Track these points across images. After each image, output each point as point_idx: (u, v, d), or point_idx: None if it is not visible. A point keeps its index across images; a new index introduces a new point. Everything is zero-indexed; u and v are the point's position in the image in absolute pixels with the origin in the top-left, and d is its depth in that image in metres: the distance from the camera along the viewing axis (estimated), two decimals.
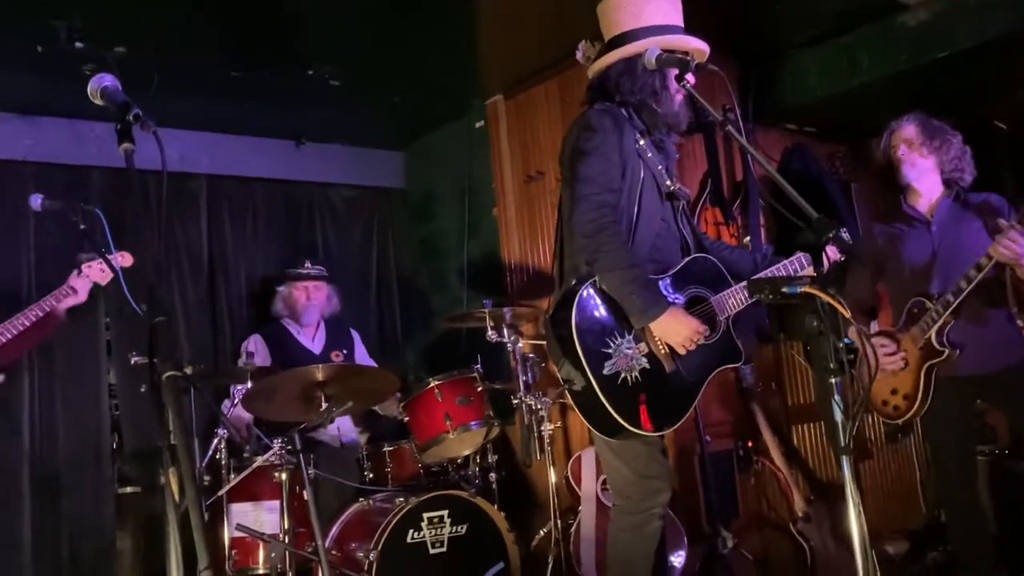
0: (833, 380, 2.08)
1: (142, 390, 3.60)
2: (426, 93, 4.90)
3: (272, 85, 4.50)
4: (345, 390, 3.57)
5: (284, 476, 3.53)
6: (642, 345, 2.56)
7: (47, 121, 4.52)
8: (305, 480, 3.28)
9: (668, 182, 2.72)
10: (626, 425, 2.48)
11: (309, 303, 4.66)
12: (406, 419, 3.98)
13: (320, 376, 3.52)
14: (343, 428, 4.52)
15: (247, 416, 4.11)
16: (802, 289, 2.03)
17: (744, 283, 2.63)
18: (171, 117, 4.79)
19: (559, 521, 3.90)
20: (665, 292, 2.62)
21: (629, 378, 2.52)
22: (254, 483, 3.68)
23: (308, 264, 4.72)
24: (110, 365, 4.61)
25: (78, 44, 3.68)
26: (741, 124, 2.61)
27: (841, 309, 2.00)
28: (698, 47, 2.73)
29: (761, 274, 2.76)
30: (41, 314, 3.31)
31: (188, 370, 1.51)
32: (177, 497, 1.42)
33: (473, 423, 3.83)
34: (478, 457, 4.11)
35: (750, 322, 4.20)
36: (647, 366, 2.55)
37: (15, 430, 4.20)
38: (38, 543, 4.17)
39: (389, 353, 5.41)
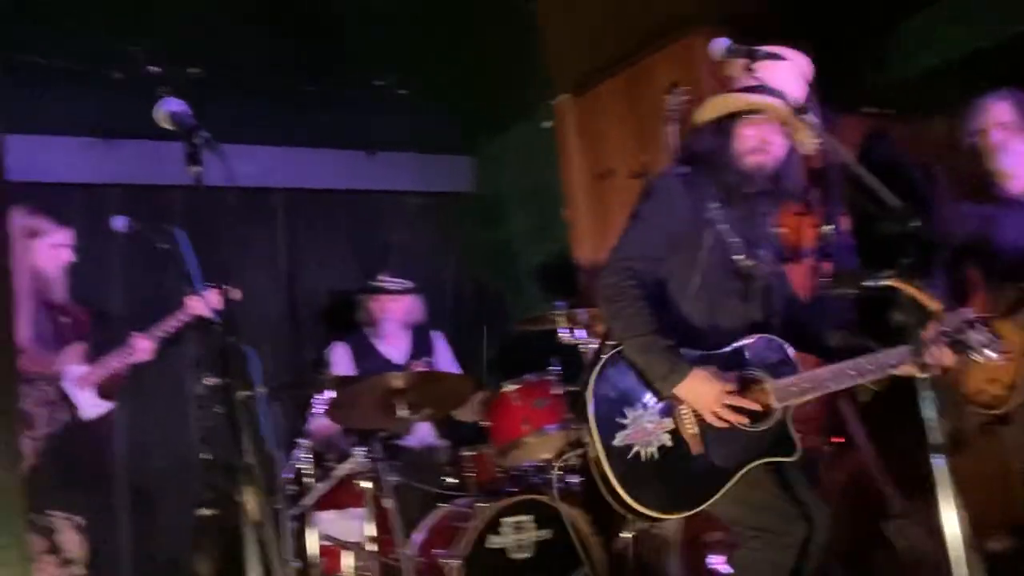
0: (922, 376, 1.99)
1: (216, 410, 3.67)
2: (492, 96, 4.91)
3: (342, 98, 4.57)
4: (423, 397, 3.59)
5: (367, 484, 3.57)
6: (667, 421, 2.41)
7: (130, 144, 4.66)
8: (388, 490, 3.29)
9: (741, 255, 2.53)
10: (628, 500, 2.36)
11: (385, 317, 4.69)
12: (485, 424, 3.97)
13: (398, 383, 3.55)
14: (425, 433, 4.54)
15: (334, 425, 4.17)
16: (885, 282, 1.95)
17: (811, 373, 2.46)
18: (246, 133, 4.90)
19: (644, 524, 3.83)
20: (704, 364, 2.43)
21: (643, 453, 2.38)
22: (339, 491, 3.73)
23: (387, 277, 4.73)
24: (199, 380, 4.72)
25: (154, 68, 3.78)
26: (817, 110, 2.50)
27: (926, 300, 1.91)
28: (762, 103, 2.49)
29: (847, 365, 2.46)
30: (111, 370, 3.35)
31: (260, 389, 1.54)
32: (253, 515, 1.43)
33: (550, 426, 3.79)
34: (559, 460, 4.06)
35: (834, 313, 4.05)
36: (668, 444, 2.40)
37: (112, 445, 4.34)
38: (136, 556, 4.30)
39: (466, 358, 5.41)
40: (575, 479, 4.02)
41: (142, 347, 3.49)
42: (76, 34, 3.58)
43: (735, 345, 2.49)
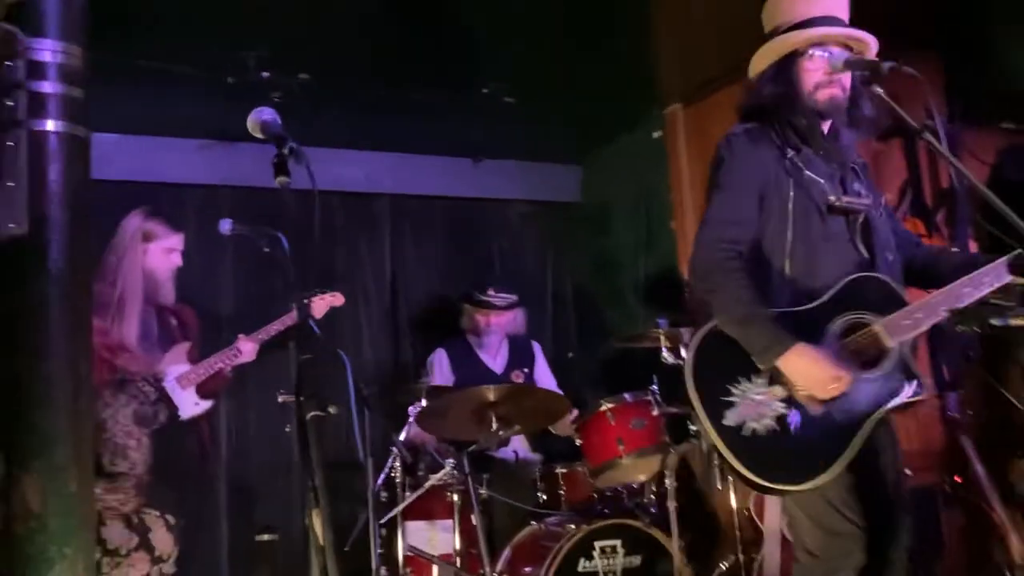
0: None
1: (287, 430, 3.70)
2: (601, 105, 4.80)
3: (449, 105, 4.56)
4: (516, 411, 3.54)
5: (456, 497, 3.54)
6: (777, 388, 2.24)
7: (243, 147, 4.78)
8: (474, 503, 3.25)
9: (832, 196, 2.39)
10: (759, 481, 2.20)
11: (492, 329, 4.66)
12: (579, 441, 3.88)
13: (492, 397, 3.51)
14: (519, 447, 4.49)
15: (429, 434, 4.16)
16: (1014, 322, 1.76)
17: (921, 302, 2.26)
18: (355, 139, 4.98)
19: (742, 556, 3.67)
20: (809, 323, 2.28)
21: (759, 427, 2.22)
22: (429, 502, 3.71)
23: (492, 292, 4.68)
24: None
25: (265, 73, 3.85)
26: (943, 128, 2.32)
27: None
28: (853, 34, 2.41)
29: (958, 284, 2.25)
30: (213, 369, 3.41)
31: (332, 410, 1.51)
32: (321, 538, 1.38)
33: (647, 448, 3.67)
34: (654, 483, 3.94)
35: (957, 343, 3.79)
36: (784, 411, 2.24)
37: (212, 446, 4.44)
38: (232, 557, 4.39)
39: (564, 371, 5.34)
40: (672, 504, 3.89)
41: (246, 349, 3.55)
42: (193, 41, 3.67)
43: (832, 292, 2.33)
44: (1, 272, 1.41)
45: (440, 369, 4.61)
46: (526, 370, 4.71)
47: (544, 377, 4.78)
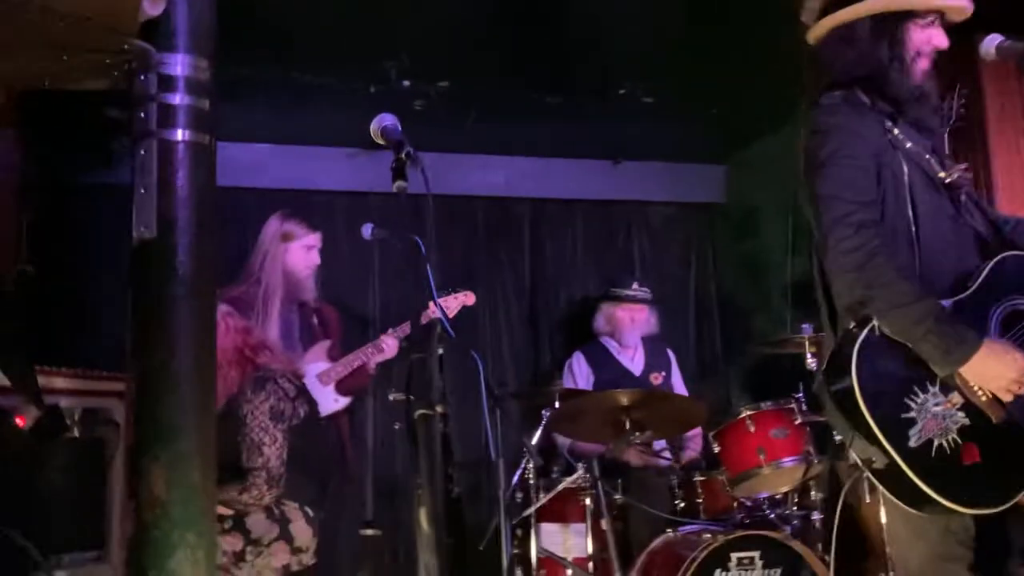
0: None
1: (396, 427, 3.77)
2: (745, 103, 4.66)
3: (587, 107, 4.55)
4: (651, 416, 3.49)
5: (588, 501, 3.51)
6: (954, 396, 1.97)
7: (388, 155, 4.92)
8: (604, 509, 3.22)
9: (942, 172, 2.14)
10: (963, 509, 1.93)
11: (633, 325, 4.61)
12: (717, 449, 3.78)
13: (626, 400, 3.48)
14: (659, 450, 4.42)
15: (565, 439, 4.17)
16: None
17: None
18: (496, 145, 5.05)
19: (892, 574, 3.45)
20: (971, 317, 2.02)
21: (946, 444, 1.94)
22: (563, 505, 3.70)
23: (636, 286, 4.66)
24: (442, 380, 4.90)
25: (405, 82, 3.96)
26: None
27: None
28: (950, 4, 2.16)
29: None
30: (353, 367, 3.52)
31: (440, 408, 1.52)
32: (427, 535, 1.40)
33: (788, 459, 3.53)
34: (798, 495, 3.78)
35: None
36: (967, 422, 1.97)
37: (361, 441, 4.60)
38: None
39: (709, 376, 5.22)
40: (816, 516, 3.72)
41: (388, 345, 3.66)
42: (337, 54, 3.82)
43: (981, 278, 2.07)
44: (134, 273, 1.51)
45: (580, 372, 4.61)
46: (664, 373, 4.64)
47: (679, 384, 4.69)
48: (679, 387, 4.67)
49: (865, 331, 2.00)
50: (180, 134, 1.51)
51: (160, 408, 1.45)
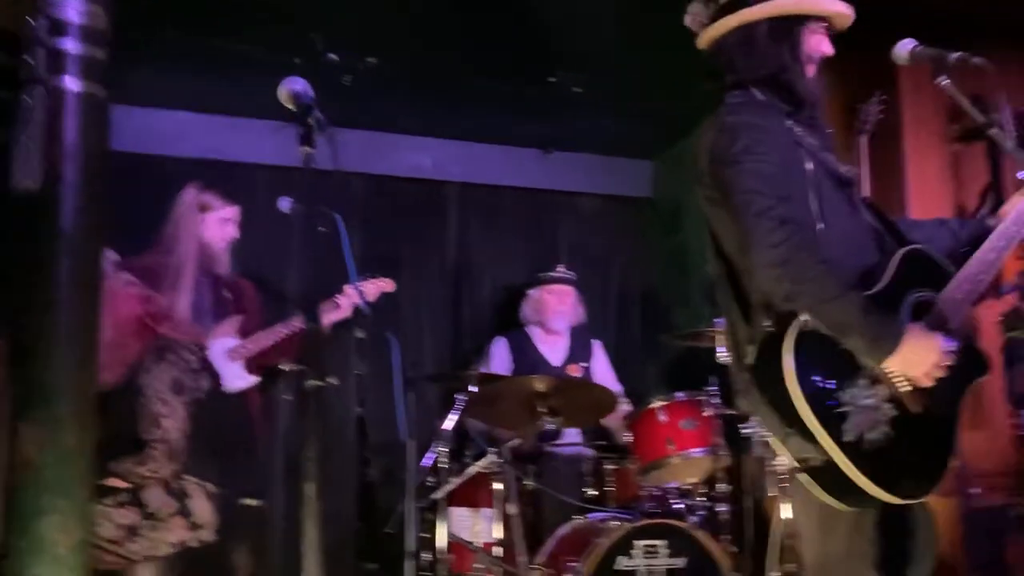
0: None
1: (285, 397, 3.73)
2: (675, 101, 4.69)
3: (518, 93, 4.53)
4: (566, 403, 3.50)
5: (499, 486, 3.51)
6: (880, 388, 1.98)
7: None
8: (512, 494, 3.22)
9: (841, 167, 2.19)
10: (898, 500, 1.95)
11: (559, 308, 4.62)
12: (630, 438, 3.81)
13: (542, 387, 3.49)
14: (570, 439, 4.44)
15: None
16: None
17: (967, 267, 2.10)
18: (425, 126, 5.00)
19: (795, 566, 3.54)
20: (887, 310, 2.04)
21: (877, 437, 1.94)
22: (473, 489, 3.69)
23: (562, 268, 4.68)
24: (360, 361, 4.83)
25: (333, 55, 3.88)
26: (1012, 125, 2.16)
27: None
28: (839, 10, 2.23)
29: (984, 251, 2.11)
30: (264, 345, 3.45)
31: (332, 380, 1.49)
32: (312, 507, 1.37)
33: (696, 450, 3.58)
34: (705, 486, 3.84)
35: None
36: (893, 414, 1.97)
37: (274, 427, 4.51)
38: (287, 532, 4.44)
39: (627, 367, 5.26)
40: (721, 508, 3.79)
41: (298, 327, 3.59)
42: (263, 22, 3.72)
43: (891, 272, 2.10)
44: (14, 226, 1.44)
45: (499, 358, 4.60)
46: (584, 365, 4.65)
47: (602, 373, 4.72)
48: (602, 376, 4.68)
49: (794, 328, 1.99)
50: (71, 83, 1.45)
51: (37, 369, 1.39)
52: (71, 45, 1.44)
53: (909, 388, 2.00)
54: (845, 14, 2.25)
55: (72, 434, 1.40)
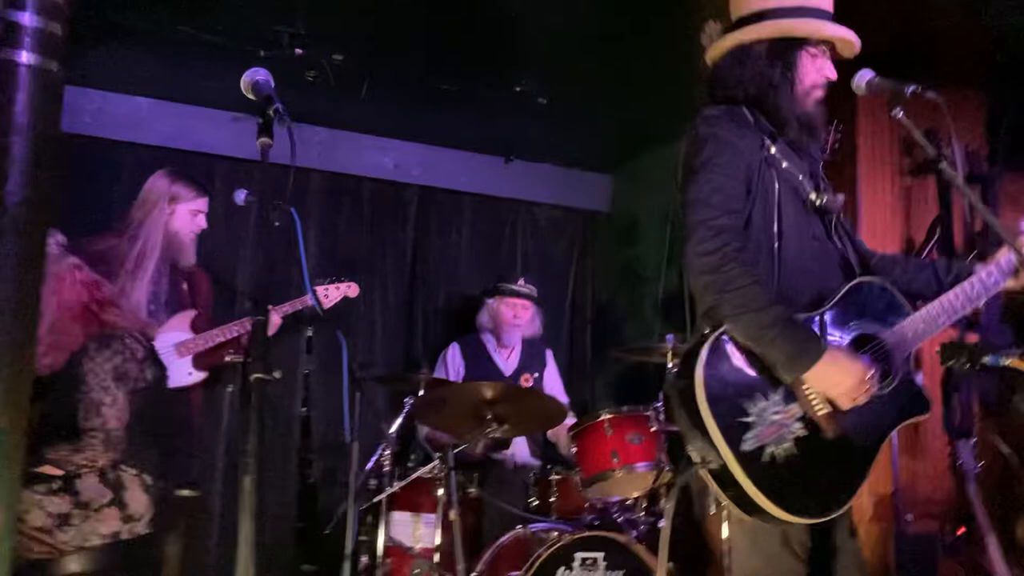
0: None
1: (228, 390, 3.70)
2: (637, 116, 4.74)
3: (482, 100, 4.53)
4: (513, 412, 3.49)
5: (441, 491, 3.49)
6: (794, 407, 2.02)
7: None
8: (454, 501, 3.20)
9: (813, 193, 2.21)
10: (782, 515, 1.96)
11: (515, 322, 4.61)
12: (574, 450, 3.82)
13: (490, 394, 3.47)
14: (518, 449, 4.44)
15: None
16: (1007, 362, 1.66)
17: (927, 308, 2.12)
18: (388, 127, 4.98)
19: None
20: (822, 331, 2.09)
21: (778, 452, 1.99)
22: (416, 494, 3.67)
23: (522, 282, 4.67)
24: (309, 361, 4.79)
25: (298, 50, 3.85)
26: (963, 160, 2.21)
27: None
28: (842, 35, 2.26)
29: (952, 295, 2.12)
30: (214, 342, 3.41)
31: (276, 374, 1.46)
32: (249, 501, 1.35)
33: (640, 464, 3.59)
34: (648, 501, 3.86)
35: (970, 389, 3.66)
36: (803, 433, 2.02)
37: (216, 421, 4.45)
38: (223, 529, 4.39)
39: (576, 378, 5.29)
40: (663, 523, 3.80)
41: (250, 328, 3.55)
42: (230, 11, 3.67)
43: (836, 298, 2.14)
44: None
45: (452, 364, 4.59)
46: (536, 375, 4.66)
47: (552, 383, 4.73)
48: (552, 387, 4.69)
49: (716, 334, 2.03)
50: (24, 56, 1.41)
51: None
52: (27, 18, 1.40)
53: (826, 411, 2.03)
54: (847, 39, 2.27)
55: (3, 416, 1.36)
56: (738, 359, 2.04)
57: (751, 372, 2.03)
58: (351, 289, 3.89)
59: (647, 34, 3.89)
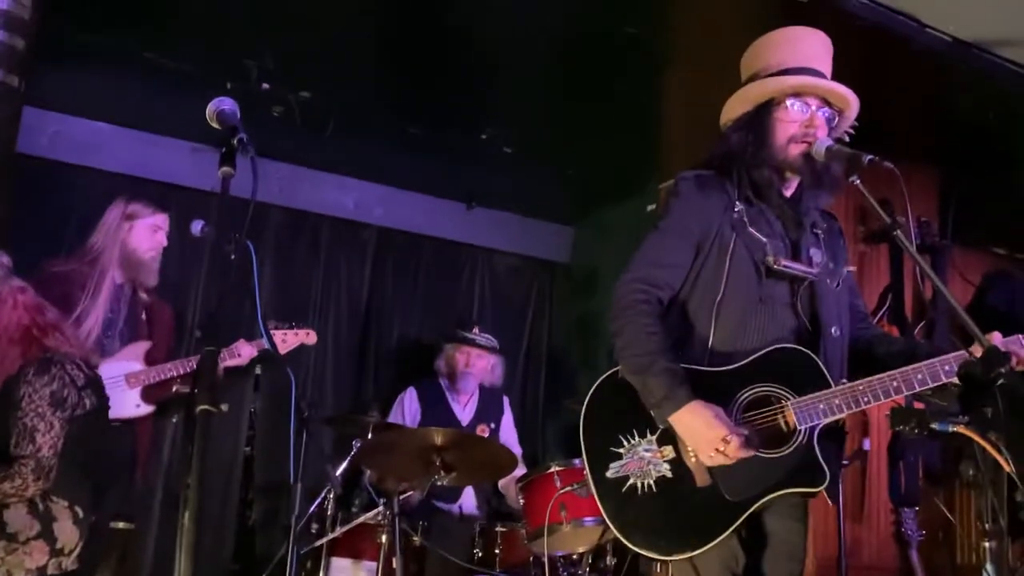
0: (987, 544, 1.71)
1: (174, 420, 3.62)
2: (600, 170, 4.81)
3: (447, 145, 4.56)
4: (462, 459, 3.44)
5: (384, 538, 3.42)
6: (667, 449, 2.12)
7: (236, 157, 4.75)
8: (397, 548, 3.13)
9: (770, 257, 2.24)
10: (625, 541, 2.10)
11: (468, 370, 4.57)
12: (522, 501, 3.77)
13: (439, 440, 3.42)
14: (466, 500, 4.38)
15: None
16: (955, 428, 1.68)
17: (843, 388, 2.12)
18: (351, 166, 4.97)
19: None
20: (718, 391, 2.13)
21: (640, 486, 2.11)
22: (358, 540, 3.60)
23: (477, 331, 4.64)
24: (255, 399, 4.70)
25: (265, 85, 3.84)
26: (916, 230, 2.25)
27: (1002, 462, 1.63)
28: (835, 90, 2.30)
29: (879, 380, 2.13)
30: (166, 376, 3.35)
31: (224, 407, 1.42)
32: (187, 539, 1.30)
33: (588, 519, 3.53)
34: (592, 557, 3.81)
35: (917, 457, 3.70)
36: (667, 475, 2.11)
37: (157, 453, 4.32)
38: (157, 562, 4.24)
39: (527, 427, 5.24)
40: None
41: (245, 352, 3.51)
42: (200, 40, 3.66)
43: (752, 358, 2.19)
44: None
45: (409, 408, 4.53)
46: (492, 425, 4.60)
47: (507, 433, 4.68)
48: (506, 437, 4.65)
49: (612, 370, 2.23)
50: None
51: None
52: None
53: (695, 461, 2.10)
54: (823, 87, 2.28)
55: None
56: (624, 396, 2.17)
57: (633, 410, 2.16)
58: (309, 337, 3.83)
59: (612, 92, 3.96)
